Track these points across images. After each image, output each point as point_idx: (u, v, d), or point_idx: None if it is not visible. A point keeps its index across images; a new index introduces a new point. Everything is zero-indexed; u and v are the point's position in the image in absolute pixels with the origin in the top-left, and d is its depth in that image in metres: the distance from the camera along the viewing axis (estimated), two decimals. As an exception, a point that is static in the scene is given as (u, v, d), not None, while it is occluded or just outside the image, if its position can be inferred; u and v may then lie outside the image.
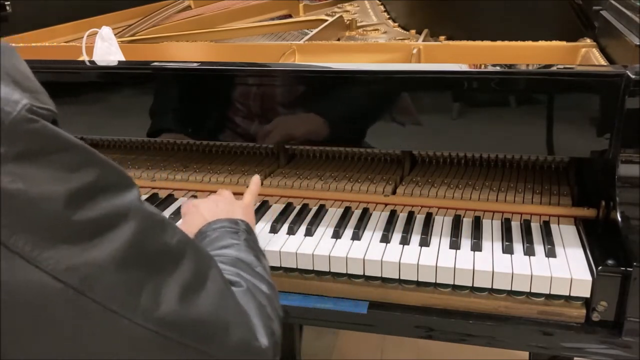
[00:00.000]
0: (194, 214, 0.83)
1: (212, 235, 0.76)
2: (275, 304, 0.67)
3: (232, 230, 0.76)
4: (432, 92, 0.95)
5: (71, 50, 1.33)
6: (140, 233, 0.51)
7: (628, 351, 0.82)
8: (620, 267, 0.80)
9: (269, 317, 0.63)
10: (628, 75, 0.83)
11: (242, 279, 0.65)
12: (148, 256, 0.52)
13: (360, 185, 1.09)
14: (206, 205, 0.84)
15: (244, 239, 0.75)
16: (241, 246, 0.73)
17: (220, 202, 0.86)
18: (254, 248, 0.75)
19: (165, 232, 0.54)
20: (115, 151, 1.31)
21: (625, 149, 0.86)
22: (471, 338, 0.88)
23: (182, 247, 0.56)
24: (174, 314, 0.52)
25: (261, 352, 0.60)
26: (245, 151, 1.25)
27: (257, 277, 0.67)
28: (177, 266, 0.54)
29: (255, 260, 0.71)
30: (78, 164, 0.50)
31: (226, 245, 0.73)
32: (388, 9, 1.80)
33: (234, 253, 0.71)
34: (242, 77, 1.02)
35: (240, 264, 0.69)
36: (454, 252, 0.90)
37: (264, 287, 0.67)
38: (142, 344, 0.51)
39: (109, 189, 0.50)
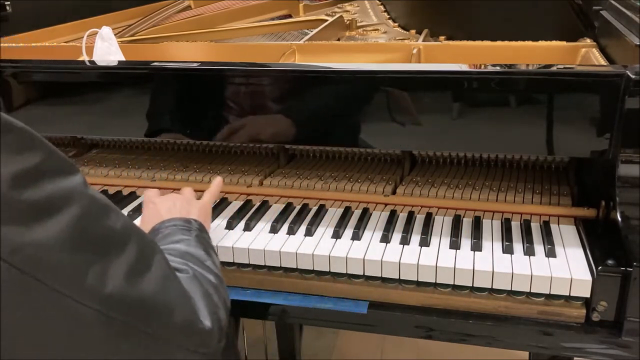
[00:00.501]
0: (152, 210, 0.87)
1: (165, 232, 0.79)
2: (223, 294, 0.71)
3: (184, 228, 0.80)
4: (432, 92, 0.94)
5: (71, 50, 1.33)
6: (84, 216, 0.52)
7: (628, 351, 0.82)
8: (620, 267, 0.80)
9: (215, 304, 0.66)
10: (628, 75, 0.83)
11: (188, 267, 0.69)
12: (93, 238, 0.53)
13: (360, 185, 1.09)
14: (164, 204, 0.88)
15: (194, 236, 0.78)
16: (191, 241, 0.76)
17: (178, 200, 0.89)
18: (204, 244, 0.78)
19: (109, 217, 0.56)
20: (115, 151, 1.31)
21: (625, 149, 0.86)
22: (471, 338, 0.88)
23: (127, 232, 0.57)
24: (119, 294, 0.54)
25: (204, 332, 0.63)
26: (245, 151, 1.25)
27: (205, 269, 0.71)
28: (122, 249, 0.56)
29: (204, 254, 0.75)
30: (22, 146, 0.50)
31: (176, 241, 0.76)
32: (388, 9, 1.80)
33: (183, 247, 0.74)
34: (242, 77, 1.02)
35: (189, 256, 0.72)
36: (454, 252, 0.90)
37: (211, 277, 0.70)
38: (87, 324, 0.52)
39: (53, 173, 0.51)
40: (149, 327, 0.57)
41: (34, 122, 1.22)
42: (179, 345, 0.61)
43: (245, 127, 1.03)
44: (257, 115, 1.02)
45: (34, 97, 1.13)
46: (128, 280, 0.55)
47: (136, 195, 1.14)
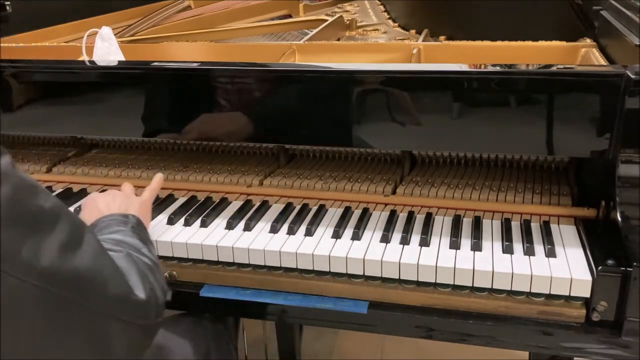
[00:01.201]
0: (92, 207, 0.89)
1: (101, 225, 0.82)
2: (159, 278, 0.74)
3: (120, 221, 0.83)
4: (432, 92, 0.94)
5: (71, 50, 1.33)
6: (14, 195, 0.54)
7: (628, 351, 0.82)
8: (620, 267, 0.80)
9: (150, 282, 0.70)
10: (628, 75, 0.83)
11: (122, 248, 0.73)
12: (25, 216, 0.55)
13: (360, 185, 1.09)
14: (103, 199, 0.90)
15: (130, 227, 0.81)
16: (127, 232, 0.80)
17: (117, 196, 0.91)
18: (140, 235, 0.81)
19: (39, 196, 0.58)
20: (115, 151, 1.31)
21: (625, 149, 0.86)
22: (471, 338, 0.88)
23: (57, 211, 0.59)
24: (54, 268, 0.56)
25: (140, 304, 0.67)
26: (245, 151, 1.25)
27: (140, 254, 0.75)
28: (53, 227, 0.58)
29: (140, 243, 0.78)
30: None
31: (113, 231, 0.80)
32: (388, 9, 1.80)
33: (119, 237, 0.78)
34: (242, 77, 1.02)
35: (124, 243, 0.76)
36: (454, 252, 0.90)
37: (147, 260, 0.74)
38: (24, 298, 0.54)
39: None
40: (85, 299, 0.60)
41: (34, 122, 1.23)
42: (115, 317, 0.64)
43: (245, 127, 1.03)
44: (258, 115, 1.02)
45: (34, 97, 1.13)
46: (61, 256, 0.57)
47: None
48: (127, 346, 0.67)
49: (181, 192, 1.14)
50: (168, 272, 0.98)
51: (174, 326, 0.99)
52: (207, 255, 0.96)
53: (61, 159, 1.29)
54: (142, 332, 0.70)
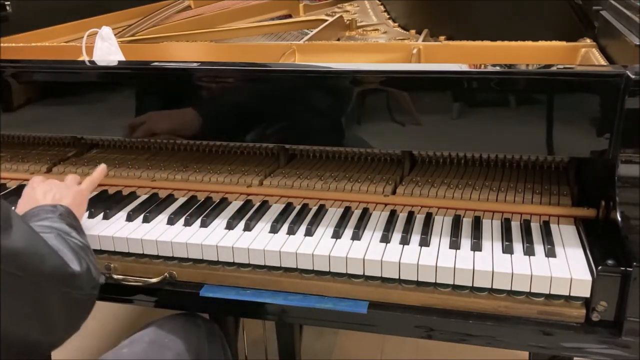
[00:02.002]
0: (28, 194, 0.95)
1: (32, 213, 0.88)
2: (92, 258, 0.83)
3: (49, 210, 0.88)
4: (432, 92, 0.94)
5: (71, 50, 1.33)
6: None
7: (628, 351, 0.82)
8: (620, 267, 0.80)
9: (82, 257, 0.79)
10: (628, 75, 0.83)
11: (51, 230, 0.81)
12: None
13: (360, 185, 1.09)
14: (42, 189, 0.95)
15: (58, 215, 0.87)
16: (54, 219, 0.86)
17: (55, 186, 0.96)
18: (68, 222, 0.87)
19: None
20: (115, 151, 1.31)
21: (625, 149, 0.86)
22: (471, 338, 0.88)
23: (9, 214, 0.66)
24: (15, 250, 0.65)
25: (75, 275, 0.76)
26: (245, 151, 1.25)
27: (69, 237, 0.82)
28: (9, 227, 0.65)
29: (68, 227, 0.85)
30: None
31: (41, 219, 0.85)
32: (388, 9, 1.80)
33: (47, 223, 0.84)
34: (242, 77, 1.02)
35: (52, 228, 0.82)
36: (454, 252, 0.90)
37: (77, 241, 0.82)
38: None
39: None
40: (25, 273, 0.68)
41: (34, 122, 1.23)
42: (53, 288, 0.73)
43: (245, 127, 1.03)
44: (258, 115, 1.02)
45: (34, 97, 1.13)
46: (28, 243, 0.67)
47: (136, 195, 1.14)
48: (65, 316, 0.76)
49: (181, 192, 1.14)
50: (168, 272, 0.98)
51: (167, 324, 1.00)
52: (207, 255, 0.96)
53: (61, 159, 1.29)
54: (78, 303, 0.78)
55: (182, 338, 0.97)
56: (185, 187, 1.15)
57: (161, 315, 1.03)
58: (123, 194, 1.15)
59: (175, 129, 1.08)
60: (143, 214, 1.05)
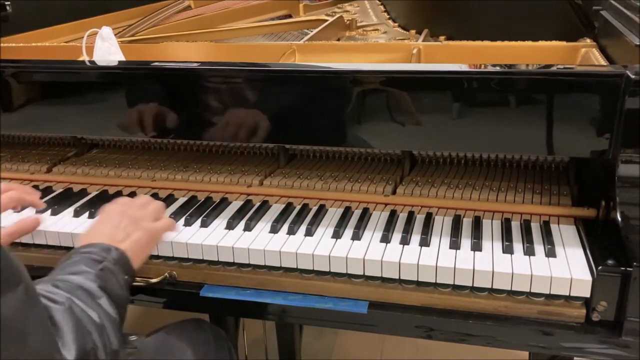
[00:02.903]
0: (98, 223, 0.87)
1: (74, 258, 0.77)
2: (109, 336, 0.69)
3: (95, 259, 0.77)
4: (432, 92, 0.94)
5: (71, 50, 1.33)
6: None
7: (628, 351, 0.82)
8: (620, 267, 0.80)
9: (90, 341, 0.65)
10: (628, 75, 0.83)
11: (68, 301, 0.67)
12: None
13: (360, 185, 1.09)
14: (114, 221, 0.86)
15: (99, 269, 0.75)
16: (90, 275, 0.74)
17: (126, 220, 0.86)
18: (105, 280, 0.74)
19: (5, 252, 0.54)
20: (115, 151, 1.31)
21: (625, 149, 0.86)
22: (471, 338, 0.88)
23: (19, 271, 0.57)
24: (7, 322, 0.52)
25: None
26: (245, 151, 1.25)
27: (91, 306, 0.69)
28: (13, 288, 0.55)
29: (99, 291, 0.72)
30: None
31: (76, 272, 0.74)
32: (388, 9, 1.80)
33: (78, 280, 0.72)
34: (242, 77, 1.02)
35: (79, 291, 0.70)
36: (454, 252, 0.90)
37: (95, 315, 0.68)
38: None
39: None
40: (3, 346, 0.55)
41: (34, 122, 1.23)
42: None
43: (245, 127, 1.03)
44: (257, 115, 1.02)
45: (34, 97, 1.13)
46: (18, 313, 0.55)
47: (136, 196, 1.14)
48: None
49: (181, 192, 1.14)
50: (168, 272, 0.98)
51: (174, 331, 1.00)
52: (207, 255, 0.96)
53: (61, 159, 1.30)
54: None
55: (190, 345, 0.97)
56: (185, 187, 1.15)
57: (162, 315, 1.04)
58: (123, 194, 1.15)
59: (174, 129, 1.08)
60: None
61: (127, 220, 0.86)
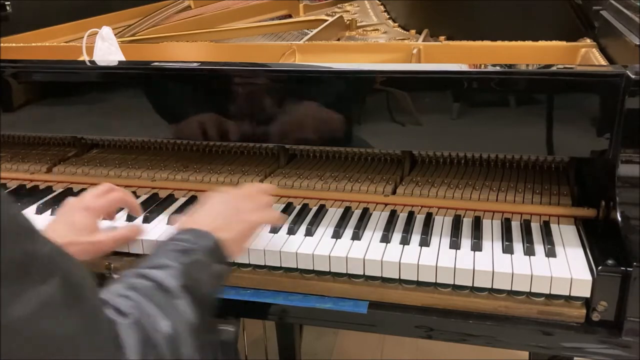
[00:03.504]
0: (195, 214, 0.83)
1: (164, 247, 0.72)
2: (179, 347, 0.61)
3: (184, 248, 0.72)
4: (432, 92, 0.94)
5: (71, 50, 1.33)
6: None
7: (628, 351, 0.82)
8: (620, 267, 0.80)
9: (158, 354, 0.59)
10: (628, 75, 0.83)
11: (137, 310, 0.60)
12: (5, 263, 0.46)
13: (360, 185, 1.09)
14: (214, 208, 0.83)
15: (186, 263, 0.69)
16: (174, 271, 0.68)
17: (229, 209, 0.83)
18: (192, 276, 0.69)
19: (34, 241, 0.50)
20: (115, 151, 1.31)
21: (625, 149, 0.86)
22: (471, 338, 0.88)
23: (53, 261, 0.51)
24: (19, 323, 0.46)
25: None
26: (245, 151, 1.25)
27: (166, 312, 0.62)
28: (42, 280, 0.49)
29: (180, 291, 0.65)
30: None
31: (160, 265, 0.68)
32: (388, 9, 1.80)
33: (160, 277, 0.66)
34: (242, 77, 1.02)
35: (155, 292, 0.64)
36: (454, 252, 0.90)
37: (167, 324, 0.61)
38: None
39: None
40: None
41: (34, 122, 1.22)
42: None
43: (245, 127, 1.03)
44: (257, 116, 1.02)
45: (34, 97, 1.13)
46: (38, 315, 0.48)
47: (136, 196, 1.14)
48: None
49: (181, 192, 1.14)
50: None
51: None
52: (207, 255, 0.96)
53: (61, 159, 1.30)
54: None
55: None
56: (186, 187, 1.15)
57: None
58: (123, 194, 1.15)
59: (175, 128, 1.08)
60: (143, 214, 1.05)
61: (229, 209, 0.83)
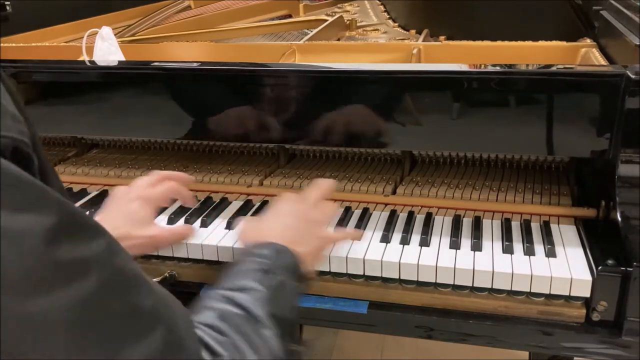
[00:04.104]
0: (267, 223, 0.79)
1: (245, 265, 0.68)
2: None
3: (265, 268, 0.68)
4: (432, 92, 0.94)
5: (71, 50, 1.33)
6: (102, 291, 0.43)
7: (628, 351, 0.82)
8: (620, 267, 0.80)
9: None
10: (628, 75, 0.83)
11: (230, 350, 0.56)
12: (105, 321, 0.44)
13: (360, 185, 1.09)
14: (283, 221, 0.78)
15: (269, 285, 0.65)
16: (260, 294, 0.63)
17: (303, 222, 0.79)
18: (276, 300, 0.64)
19: (139, 293, 0.47)
20: (115, 151, 1.31)
21: (625, 149, 0.86)
22: (471, 338, 0.88)
23: (157, 314, 0.48)
24: None
25: None
26: (245, 151, 1.25)
27: (253, 346, 0.58)
28: (148, 334, 0.46)
29: (267, 319, 0.61)
30: (29, 204, 0.41)
31: (244, 288, 0.64)
32: (388, 9, 1.80)
33: (247, 303, 0.62)
34: (242, 77, 1.02)
35: (245, 323, 0.60)
36: (454, 252, 0.90)
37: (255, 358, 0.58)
38: None
39: (68, 237, 0.43)
40: None
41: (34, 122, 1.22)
42: None
43: (245, 127, 1.03)
44: (257, 115, 1.02)
45: (34, 97, 1.13)
46: None
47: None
48: None
49: (181, 192, 1.14)
50: (168, 272, 0.98)
51: None
52: (207, 255, 0.96)
53: (61, 159, 1.30)
54: None
55: None
56: (185, 187, 1.15)
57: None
58: (123, 194, 1.15)
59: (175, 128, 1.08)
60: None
61: (304, 223, 0.79)
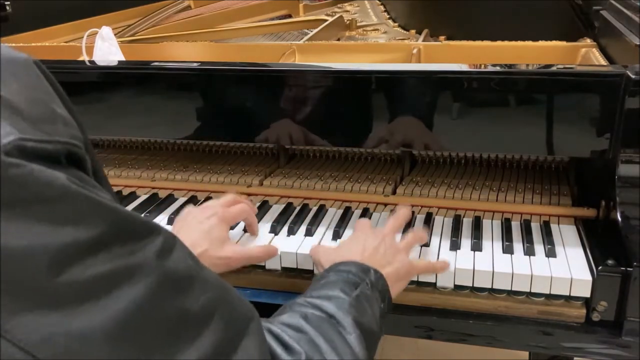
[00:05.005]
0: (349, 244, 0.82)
1: (330, 278, 0.69)
2: None
3: (351, 281, 0.68)
4: (432, 92, 0.94)
5: (71, 50, 1.33)
6: (148, 298, 0.42)
7: (628, 351, 0.82)
8: (620, 267, 0.80)
9: None
10: (628, 75, 0.83)
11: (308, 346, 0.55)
12: (155, 326, 0.43)
13: (360, 185, 1.09)
14: (370, 242, 0.80)
15: (355, 296, 0.65)
16: (345, 302, 0.64)
17: (384, 245, 0.80)
18: (361, 310, 0.65)
19: (188, 294, 0.46)
20: (115, 151, 1.31)
21: (625, 149, 0.86)
22: (471, 338, 0.88)
23: (210, 311, 0.47)
24: None
25: None
26: (245, 151, 1.25)
27: (335, 347, 0.57)
28: (199, 333, 0.45)
29: (352, 325, 0.61)
30: (74, 216, 0.40)
31: (329, 297, 0.64)
32: (388, 9, 1.80)
33: (331, 309, 0.62)
34: (242, 77, 1.02)
35: (327, 325, 0.60)
36: (454, 252, 0.90)
37: None
38: None
39: (115, 245, 0.42)
40: None
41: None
42: None
43: (244, 127, 1.03)
44: (257, 115, 1.02)
45: (34, 97, 1.13)
46: None
47: (136, 195, 1.14)
48: None
49: (181, 192, 1.14)
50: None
51: None
52: (207, 255, 0.96)
53: (61, 159, 1.29)
54: None
55: None
56: (185, 187, 1.15)
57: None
58: (123, 194, 1.15)
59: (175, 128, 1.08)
60: (143, 214, 1.05)
61: (385, 246, 0.80)
